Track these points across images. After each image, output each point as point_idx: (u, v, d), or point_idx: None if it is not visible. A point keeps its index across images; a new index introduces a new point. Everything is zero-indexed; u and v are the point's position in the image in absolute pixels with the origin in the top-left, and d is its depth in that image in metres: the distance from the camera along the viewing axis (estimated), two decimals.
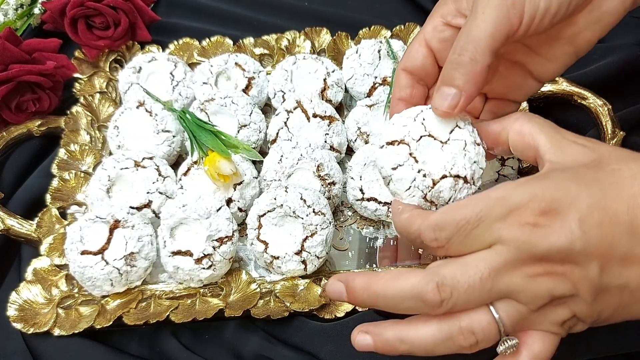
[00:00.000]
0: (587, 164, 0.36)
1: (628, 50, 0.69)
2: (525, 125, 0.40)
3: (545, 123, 0.40)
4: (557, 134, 0.39)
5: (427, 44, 0.45)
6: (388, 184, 0.43)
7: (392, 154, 0.42)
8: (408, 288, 0.37)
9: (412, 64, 0.46)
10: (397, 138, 0.43)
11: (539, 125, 0.40)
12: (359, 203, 0.62)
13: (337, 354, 0.54)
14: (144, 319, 0.56)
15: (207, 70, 0.71)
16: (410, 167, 0.42)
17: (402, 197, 0.42)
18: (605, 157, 0.36)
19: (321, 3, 0.85)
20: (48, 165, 0.69)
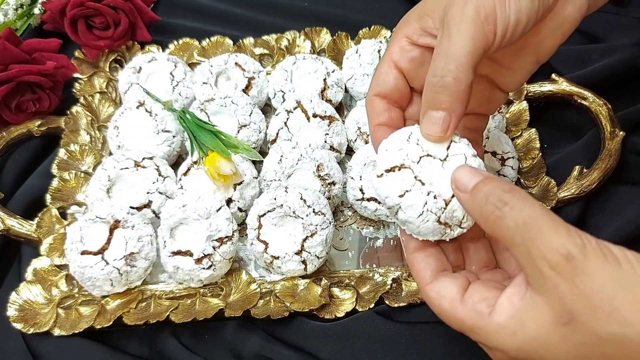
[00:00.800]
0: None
1: (628, 50, 0.69)
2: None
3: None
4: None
5: (396, 66, 0.44)
6: (396, 214, 0.41)
7: (396, 180, 0.40)
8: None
9: (384, 88, 0.44)
10: (396, 163, 0.41)
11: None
12: (359, 203, 0.62)
13: (337, 354, 0.54)
14: (144, 319, 0.56)
15: (207, 70, 0.71)
16: (419, 190, 0.40)
17: (415, 224, 0.40)
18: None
19: (321, 3, 0.85)
20: (48, 165, 0.69)
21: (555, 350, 0.33)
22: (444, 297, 0.39)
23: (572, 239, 0.32)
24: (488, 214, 0.36)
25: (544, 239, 0.33)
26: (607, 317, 0.31)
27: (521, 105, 0.69)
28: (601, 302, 0.31)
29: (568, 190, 0.62)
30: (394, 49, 0.44)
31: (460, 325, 0.38)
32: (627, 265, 0.32)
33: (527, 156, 0.66)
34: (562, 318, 0.32)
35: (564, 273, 0.32)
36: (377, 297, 0.57)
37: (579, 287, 0.31)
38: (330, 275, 0.60)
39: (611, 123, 0.65)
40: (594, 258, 0.32)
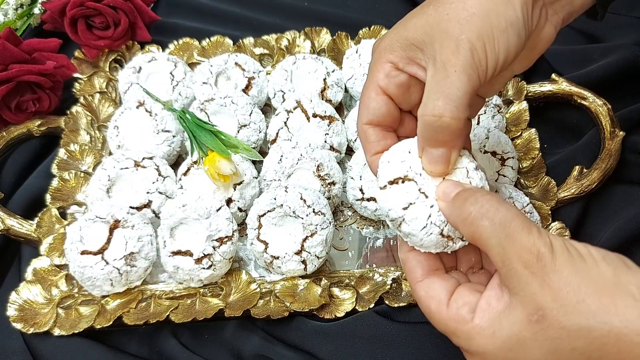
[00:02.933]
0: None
1: (628, 50, 0.69)
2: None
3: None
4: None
5: (384, 92, 0.44)
6: (399, 226, 0.41)
7: (400, 192, 0.41)
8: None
9: (375, 115, 0.45)
10: (399, 175, 0.41)
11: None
12: (359, 203, 0.62)
13: (337, 354, 0.54)
14: (144, 319, 0.56)
15: (207, 70, 0.71)
16: (423, 203, 0.40)
17: (418, 237, 0.41)
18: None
19: (321, 3, 0.85)
20: (48, 165, 0.69)
21: (529, 348, 0.34)
22: (431, 298, 0.40)
23: (542, 239, 0.34)
24: (465, 215, 0.37)
25: (518, 238, 0.35)
26: (574, 309, 0.32)
27: (521, 105, 0.69)
28: (568, 295, 0.32)
29: (568, 190, 0.62)
30: (379, 75, 0.44)
31: (444, 328, 0.39)
32: (591, 260, 0.34)
33: (527, 156, 0.66)
34: (533, 315, 0.34)
35: (535, 271, 0.34)
36: (377, 297, 0.57)
37: (548, 283, 0.33)
38: (330, 275, 0.60)
39: (611, 123, 0.65)
40: (561, 256, 0.34)
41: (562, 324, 0.33)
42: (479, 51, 0.39)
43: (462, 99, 0.39)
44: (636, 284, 0.32)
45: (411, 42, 0.42)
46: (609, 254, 0.34)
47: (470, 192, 0.38)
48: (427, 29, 0.41)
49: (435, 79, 0.40)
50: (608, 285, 0.32)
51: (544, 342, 0.34)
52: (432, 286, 0.41)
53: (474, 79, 0.39)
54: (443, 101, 0.39)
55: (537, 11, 0.42)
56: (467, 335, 0.37)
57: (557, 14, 0.44)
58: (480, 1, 0.40)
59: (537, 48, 0.44)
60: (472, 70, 0.39)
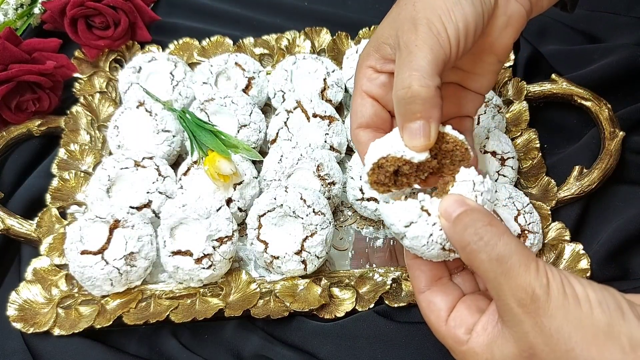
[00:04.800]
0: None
1: (628, 50, 0.69)
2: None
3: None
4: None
5: (368, 95, 0.46)
6: (402, 239, 0.41)
7: (402, 210, 0.40)
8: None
9: (364, 118, 0.46)
10: (382, 154, 0.41)
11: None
12: (359, 203, 0.62)
13: (337, 354, 0.54)
14: (143, 319, 0.56)
15: (207, 70, 0.71)
16: (425, 222, 0.40)
17: (419, 251, 0.41)
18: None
19: (321, 3, 0.85)
20: (48, 165, 0.69)
21: None
22: (432, 312, 0.41)
23: (539, 279, 0.35)
24: (465, 244, 0.37)
25: (514, 276, 0.35)
26: (563, 355, 0.33)
27: (521, 105, 0.69)
28: (558, 342, 0.33)
29: (568, 190, 0.62)
30: (361, 81, 0.46)
31: (442, 341, 0.41)
32: (586, 305, 0.34)
33: (527, 156, 0.66)
34: (524, 352, 0.35)
35: (529, 312, 0.34)
36: (377, 297, 0.57)
37: (540, 326, 0.34)
38: (330, 275, 0.60)
39: (611, 123, 0.65)
40: (556, 300, 0.34)
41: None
42: (436, 24, 0.40)
43: (426, 67, 0.39)
44: (628, 334, 0.33)
45: (381, 41, 0.44)
46: (606, 297, 0.34)
47: (471, 219, 0.38)
48: (391, 23, 0.43)
49: (400, 59, 0.41)
50: (599, 335, 0.33)
51: None
52: (433, 300, 0.42)
53: (436, 48, 0.40)
54: (408, 72, 0.40)
55: None
56: (462, 356, 0.39)
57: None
58: None
59: (511, 27, 0.45)
60: (432, 41, 0.40)
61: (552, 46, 0.75)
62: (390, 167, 0.41)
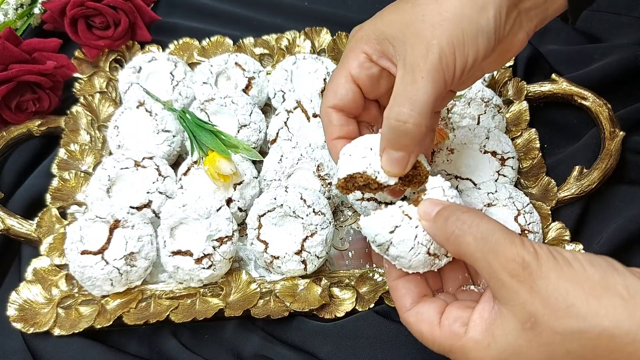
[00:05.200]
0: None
1: (628, 50, 0.69)
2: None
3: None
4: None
5: (354, 80, 0.46)
6: (387, 250, 0.42)
7: (385, 216, 0.42)
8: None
9: (342, 101, 0.46)
10: (359, 170, 0.44)
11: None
12: (359, 203, 0.62)
13: (337, 354, 0.54)
14: (144, 319, 0.56)
15: (207, 70, 0.71)
16: (408, 224, 0.41)
17: (407, 258, 0.41)
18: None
19: (321, 3, 0.85)
20: (48, 165, 0.69)
21: (525, 356, 0.35)
22: (422, 322, 0.41)
23: (526, 248, 0.35)
24: (449, 234, 0.38)
25: (501, 250, 0.35)
26: (565, 313, 0.33)
27: (521, 105, 0.69)
28: (557, 301, 0.33)
29: (568, 190, 0.62)
30: (352, 64, 0.45)
31: (438, 348, 0.40)
32: (578, 264, 0.34)
33: (527, 156, 0.66)
34: (526, 323, 0.34)
35: (522, 280, 0.34)
36: (377, 297, 0.57)
37: (536, 291, 0.34)
38: (330, 275, 0.60)
39: (611, 123, 0.65)
40: (547, 262, 0.34)
41: (555, 329, 0.33)
42: (448, 56, 0.40)
43: (426, 105, 0.40)
44: (623, 284, 0.33)
45: (386, 36, 0.44)
46: (595, 257, 0.35)
47: (450, 210, 0.39)
48: (402, 26, 0.42)
49: (403, 83, 0.41)
50: (596, 287, 0.33)
51: (540, 349, 0.34)
52: (421, 310, 0.41)
53: (439, 84, 0.40)
54: (408, 107, 0.40)
55: (512, 19, 0.43)
56: (463, 350, 0.38)
57: (531, 21, 0.45)
58: (455, 6, 0.41)
59: (510, 52, 0.46)
60: (438, 76, 0.40)
61: (552, 46, 0.75)
62: (361, 182, 0.44)
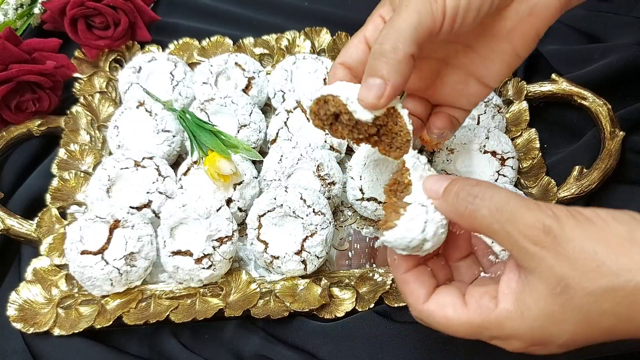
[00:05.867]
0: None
1: (628, 50, 0.69)
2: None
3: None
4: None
5: (366, 42, 0.45)
6: (422, 247, 0.40)
7: (412, 219, 0.39)
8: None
9: (351, 58, 0.45)
10: (331, 92, 0.42)
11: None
12: (359, 203, 0.62)
13: (337, 354, 0.54)
14: (144, 319, 0.56)
15: (207, 70, 0.71)
16: (432, 213, 0.39)
17: (436, 241, 0.40)
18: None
19: (321, 3, 0.85)
20: (48, 165, 0.69)
21: (559, 321, 0.34)
22: (445, 306, 0.39)
23: (544, 212, 0.34)
24: (462, 209, 0.37)
25: (519, 218, 0.34)
26: (595, 273, 0.32)
27: (521, 105, 0.69)
28: (586, 261, 0.32)
29: (568, 190, 0.62)
30: (368, 26, 0.46)
31: (468, 328, 0.38)
32: (601, 222, 0.33)
33: (527, 156, 0.66)
34: (555, 288, 0.33)
35: (546, 246, 0.33)
36: (377, 297, 0.57)
37: (563, 254, 0.33)
38: (330, 275, 0.60)
39: (611, 123, 0.65)
40: (568, 224, 0.33)
41: (587, 290, 0.32)
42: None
43: (404, 30, 0.39)
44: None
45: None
46: (618, 212, 0.34)
47: (460, 185, 0.38)
48: None
49: (392, 16, 0.41)
50: (624, 243, 0.32)
51: (573, 312, 0.33)
52: (440, 297, 0.40)
53: (424, 14, 0.39)
54: (387, 30, 0.40)
55: None
56: (497, 323, 0.36)
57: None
58: None
59: (535, 17, 0.43)
60: (423, 6, 0.39)
61: (552, 46, 0.75)
62: (332, 108, 0.42)
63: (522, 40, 0.44)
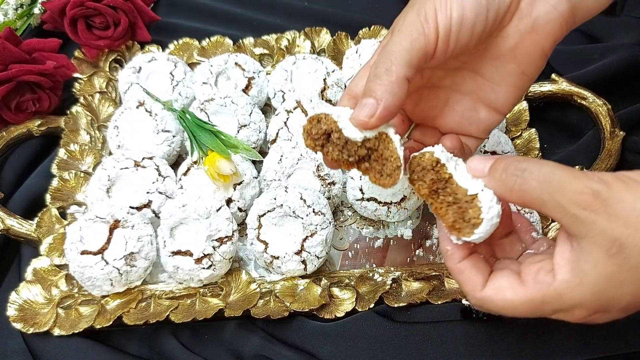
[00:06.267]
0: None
1: (628, 50, 0.69)
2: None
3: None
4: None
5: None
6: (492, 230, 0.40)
7: (491, 204, 0.39)
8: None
9: (357, 87, 0.45)
10: (325, 111, 0.42)
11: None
12: (359, 203, 0.62)
13: (337, 354, 0.54)
14: (144, 319, 0.56)
15: (207, 70, 0.71)
16: (494, 196, 0.40)
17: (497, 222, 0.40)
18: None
19: (321, 3, 0.85)
20: (48, 165, 0.69)
21: (619, 282, 0.35)
22: (503, 289, 0.39)
23: (591, 178, 0.35)
24: (511, 184, 0.38)
25: (567, 186, 0.35)
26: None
27: (521, 105, 0.69)
28: (638, 219, 0.33)
29: None
30: (374, 57, 0.46)
31: (529, 306, 0.38)
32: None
33: (527, 156, 0.66)
34: (611, 249, 0.34)
35: (596, 209, 0.34)
36: (377, 297, 0.57)
37: (614, 214, 0.34)
38: (330, 275, 0.60)
39: (611, 123, 0.65)
40: (617, 187, 0.34)
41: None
42: (427, 10, 0.40)
43: (397, 53, 0.40)
44: None
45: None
46: None
47: (507, 161, 0.39)
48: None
49: (387, 40, 0.42)
50: None
51: (631, 271, 0.34)
52: (496, 281, 0.40)
53: (415, 36, 0.40)
54: (380, 55, 0.41)
55: None
56: (557, 295, 0.37)
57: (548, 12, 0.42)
58: None
59: (537, 33, 0.43)
60: (414, 29, 0.40)
61: None
62: (323, 126, 0.42)
63: (528, 59, 0.44)
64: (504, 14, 0.42)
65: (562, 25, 0.43)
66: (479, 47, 0.43)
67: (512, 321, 0.54)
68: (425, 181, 0.42)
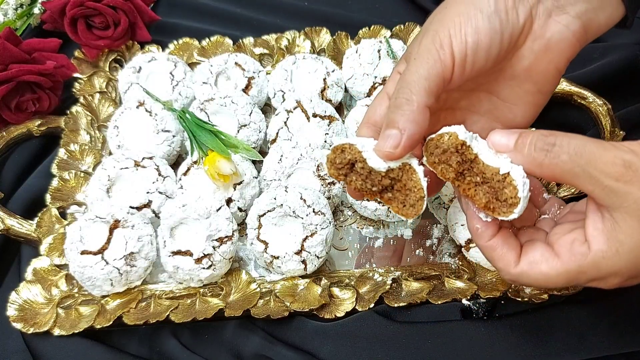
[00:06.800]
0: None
1: (628, 50, 0.69)
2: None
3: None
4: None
5: (388, 98, 0.45)
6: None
7: (524, 181, 0.39)
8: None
9: (375, 114, 0.46)
10: (350, 141, 0.43)
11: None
12: (359, 203, 0.62)
13: (337, 354, 0.54)
14: (144, 319, 0.56)
15: (207, 70, 0.71)
16: (523, 171, 0.40)
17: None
18: None
19: (321, 3, 0.85)
20: (48, 165, 0.69)
21: None
22: (538, 263, 0.40)
23: (621, 149, 0.35)
24: (541, 159, 0.38)
25: (598, 158, 0.35)
26: None
27: None
28: None
29: (568, 190, 0.62)
30: (388, 84, 0.46)
31: (566, 277, 0.39)
32: None
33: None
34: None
35: (629, 179, 0.35)
36: (377, 296, 0.57)
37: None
38: (330, 275, 0.60)
39: (611, 123, 0.65)
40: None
41: None
42: (442, 37, 0.40)
43: (415, 82, 0.40)
44: None
45: (409, 51, 0.44)
46: None
47: (535, 136, 0.38)
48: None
49: (404, 70, 0.42)
50: None
51: None
52: (530, 255, 0.40)
53: (432, 63, 0.40)
54: (400, 84, 0.41)
55: (526, 8, 0.42)
56: (593, 264, 0.37)
57: (565, 12, 0.42)
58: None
59: (552, 52, 0.43)
60: (430, 56, 0.40)
61: None
62: (348, 155, 0.42)
63: (543, 78, 0.44)
64: (517, 36, 0.42)
65: (574, 43, 0.43)
66: (494, 68, 0.44)
67: (512, 321, 0.54)
68: (451, 165, 0.42)
